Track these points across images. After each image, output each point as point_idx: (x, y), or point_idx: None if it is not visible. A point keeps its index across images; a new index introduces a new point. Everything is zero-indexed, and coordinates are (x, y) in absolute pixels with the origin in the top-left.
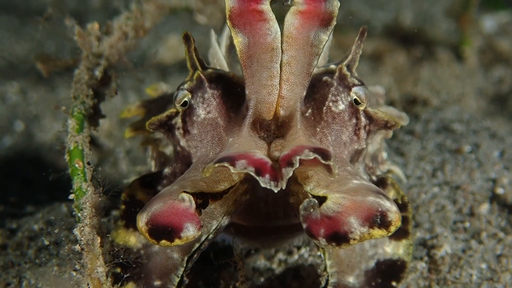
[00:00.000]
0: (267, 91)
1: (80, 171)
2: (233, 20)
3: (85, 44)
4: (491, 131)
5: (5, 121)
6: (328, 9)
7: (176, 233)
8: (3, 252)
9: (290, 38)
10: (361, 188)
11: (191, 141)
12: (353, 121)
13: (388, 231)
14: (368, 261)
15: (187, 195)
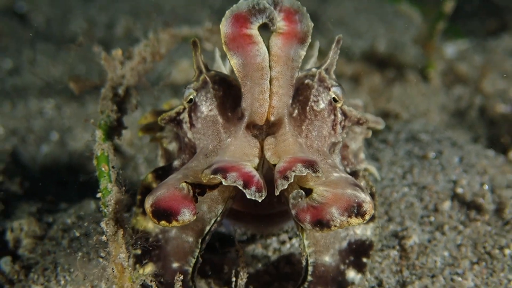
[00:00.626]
0: (259, 103)
1: (106, 174)
2: (228, 44)
3: (110, 67)
4: (452, 140)
5: (43, 132)
6: (303, 29)
7: (174, 216)
8: (41, 242)
9: (275, 56)
10: (341, 181)
11: (196, 134)
12: (332, 117)
13: (363, 219)
14: (341, 242)
15: (186, 184)
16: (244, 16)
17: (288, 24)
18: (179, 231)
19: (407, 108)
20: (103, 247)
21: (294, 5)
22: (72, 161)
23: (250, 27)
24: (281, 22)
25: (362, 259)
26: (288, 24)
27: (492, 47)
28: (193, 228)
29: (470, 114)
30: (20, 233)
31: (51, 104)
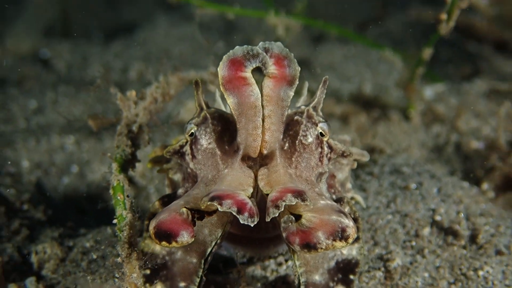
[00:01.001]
0: (253, 138)
1: (121, 202)
2: (225, 85)
3: (125, 106)
4: (431, 173)
5: (64, 165)
6: (291, 73)
7: (174, 237)
8: (63, 263)
9: (268, 97)
10: (327, 207)
11: (197, 164)
12: (319, 150)
13: (347, 242)
14: (329, 261)
15: (186, 210)
16: (239, 61)
17: (278, 69)
18: (184, 253)
19: (391, 144)
20: (118, 268)
21: (283, 51)
22: (90, 191)
23: (244, 70)
24: (272, 67)
25: (349, 276)
26: (278, 68)
27: (466, 90)
28: (196, 250)
29: (447, 149)
30: (44, 256)
31: (71, 140)
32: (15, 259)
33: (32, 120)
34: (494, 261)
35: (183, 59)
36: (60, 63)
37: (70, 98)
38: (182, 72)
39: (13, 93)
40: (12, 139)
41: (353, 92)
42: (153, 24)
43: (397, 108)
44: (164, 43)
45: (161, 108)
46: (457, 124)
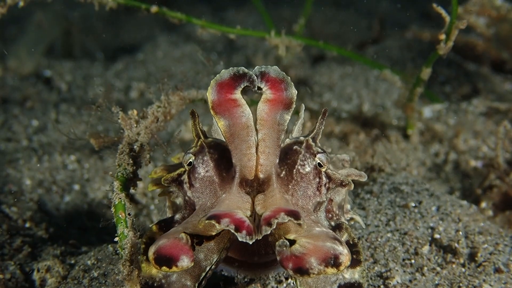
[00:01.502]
0: (247, 158)
1: (123, 220)
2: (215, 109)
3: (126, 125)
4: (430, 192)
5: (65, 184)
6: (288, 96)
7: (174, 262)
8: (64, 281)
9: (262, 121)
10: (322, 234)
11: (195, 193)
12: (317, 180)
13: (338, 270)
14: (332, 285)
15: (185, 235)
16: (228, 83)
17: (275, 92)
18: (179, 276)
19: (390, 162)
20: (119, 286)
21: (280, 75)
22: (92, 209)
23: (233, 92)
24: (268, 90)
25: None
26: (274, 92)
27: (464, 109)
28: (191, 273)
29: (445, 168)
30: (46, 273)
31: (72, 158)
32: (17, 277)
33: (34, 139)
34: (493, 279)
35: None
36: (62, 83)
37: (71, 117)
38: (183, 91)
39: (15, 112)
40: (14, 158)
41: (352, 112)
42: (154, 44)
43: (396, 127)
44: (165, 63)
45: (162, 127)
46: (455, 143)
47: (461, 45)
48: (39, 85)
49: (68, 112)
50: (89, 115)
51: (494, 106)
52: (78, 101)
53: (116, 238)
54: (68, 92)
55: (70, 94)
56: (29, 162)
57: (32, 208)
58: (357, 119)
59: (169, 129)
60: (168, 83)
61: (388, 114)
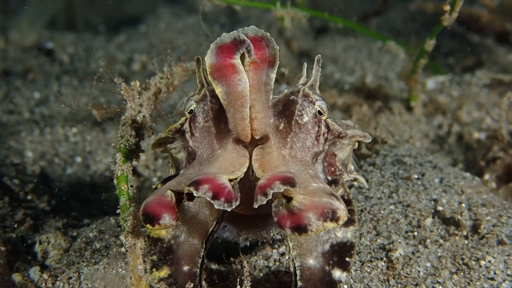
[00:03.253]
0: (241, 127)
1: (125, 192)
2: (214, 74)
3: (129, 97)
4: (433, 164)
5: (67, 156)
6: (271, 53)
7: (156, 220)
8: (67, 253)
9: (249, 86)
10: (319, 190)
11: (195, 142)
12: (315, 129)
13: (337, 224)
14: (324, 245)
15: (170, 192)
16: (228, 47)
17: (257, 52)
18: (187, 235)
19: (393, 135)
20: (122, 258)
21: (258, 32)
22: (94, 181)
23: (233, 57)
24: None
25: (345, 259)
26: (256, 51)
27: (468, 81)
28: (198, 231)
29: (449, 140)
30: (48, 246)
31: (75, 130)
32: (19, 249)
33: (36, 111)
34: (496, 251)
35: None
36: (64, 55)
37: (73, 89)
38: (186, 62)
39: (17, 84)
40: (16, 130)
41: (355, 83)
42: (157, 16)
43: (399, 99)
44: (168, 34)
45: (165, 98)
46: (459, 115)
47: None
48: (41, 57)
49: (70, 84)
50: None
51: (498, 77)
52: (80, 73)
53: (118, 210)
54: (70, 64)
55: (72, 66)
56: (31, 135)
57: (34, 181)
58: (360, 91)
59: (172, 101)
60: (171, 55)
61: (391, 86)
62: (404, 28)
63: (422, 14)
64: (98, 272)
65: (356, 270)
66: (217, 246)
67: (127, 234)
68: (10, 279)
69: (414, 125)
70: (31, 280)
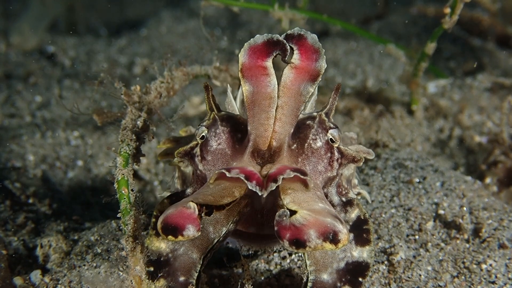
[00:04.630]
0: (264, 128)
1: (126, 196)
2: (244, 72)
3: (129, 101)
4: (434, 167)
5: (68, 160)
6: (317, 68)
7: (180, 231)
8: (68, 257)
9: (285, 88)
10: (324, 211)
11: (206, 166)
12: (328, 155)
13: (336, 247)
14: (339, 262)
15: (193, 204)
16: (261, 49)
17: (305, 60)
18: (186, 249)
19: (394, 138)
20: (123, 261)
21: (316, 44)
22: (95, 185)
23: (265, 60)
24: (298, 56)
25: (358, 279)
26: (304, 60)
27: (469, 84)
28: (198, 246)
29: (450, 144)
30: (49, 249)
31: (76, 134)
32: (20, 252)
33: (37, 114)
34: (497, 254)
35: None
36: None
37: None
38: (187, 67)
39: (19, 88)
40: (18, 134)
41: (356, 87)
42: (158, 19)
43: (401, 103)
44: (169, 38)
45: (165, 102)
46: (460, 118)
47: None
48: (43, 61)
49: (72, 88)
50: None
51: (499, 81)
52: (81, 77)
53: (119, 214)
54: (71, 67)
55: (73, 69)
56: (33, 138)
57: (35, 184)
58: (362, 94)
59: (173, 105)
60: (172, 59)
61: (392, 90)
62: (405, 32)
63: (423, 18)
64: (99, 275)
65: None
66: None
67: (127, 238)
68: (11, 283)
69: (415, 128)
70: (32, 284)
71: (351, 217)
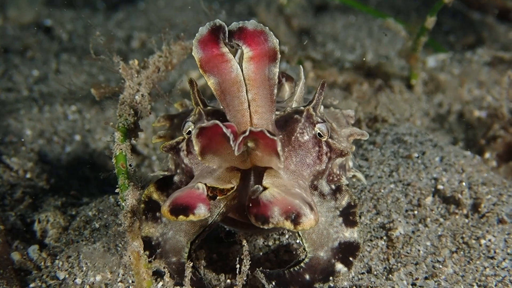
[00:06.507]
0: (240, 114)
1: (124, 171)
2: (204, 67)
3: (127, 75)
4: (433, 142)
5: (66, 134)
6: (270, 47)
7: (191, 210)
8: (66, 232)
9: (250, 81)
10: (297, 194)
11: (192, 159)
12: (316, 149)
13: (295, 228)
14: (334, 242)
15: (202, 184)
16: (209, 38)
17: (255, 46)
18: (174, 233)
19: (393, 113)
20: (121, 237)
21: (258, 27)
22: (93, 160)
23: (220, 46)
24: (248, 47)
25: (349, 258)
26: (255, 46)
27: (469, 59)
28: (186, 231)
29: (449, 119)
30: (47, 224)
31: (73, 109)
32: (18, 228)
33: (35, 89)
34: (496, 229)
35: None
36: (63, 33)
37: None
38: (185, 41)
39: (16, 62)
40: (15, 108)
41: (355, 61)
42: None
43: (400, 77)
44: (167, 12)
45: (163, 77)
46: (459, 93)
47: None
48: (40, 35)
49: (69, 62)
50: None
51: (499, 55)
52: (79, 51)
53: (117, 189)
54: (69, 41)
55: (71, 43)
56: (30, 112)
57: (33, 159)
58: (361, 69)
59: (171, 79)
60: (170, 33)
61: (391, 64)
62: (405, 6)
63: None
64: (97, 251)
65: None
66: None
67: (126, 213)
68: (9, 258)
69: (414, 103)
70: (30, 259)
71: (341, 204)
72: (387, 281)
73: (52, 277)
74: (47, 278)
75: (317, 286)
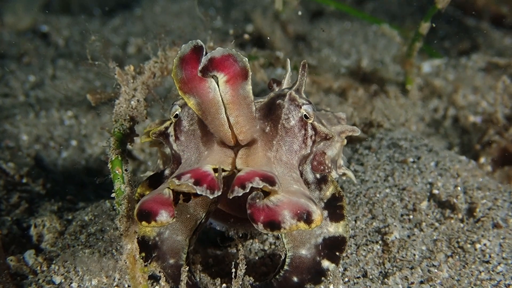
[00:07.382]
0: (222, 133)
1: (120, 176)
2: (184, 89)
3: (123, 81)
4: (428, 147)
5: (62, 139)
6: (241, 67)
7: (153, 217)
8: (62, 237)
9: (229, 104)
10: (298, 192)
11: (180, 146)
12: (302, 132)
13: (309, 226)
14: (317, 238)
15: (168, 190)
16: (191, 57)
17: (227, 70)
18: (171, 232)
19: (388, 118)
20: (117, 241)
21: (224, 52)
22: (89, 165)
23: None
24: (222, 73)
25: (336, 253)
26: (227, 70)
27: (464, 64)
28: (182, 229)
29: (444, 124)
30: (43, 229)
31: (69, 114)
32: (14, 232)
33: (31, 94)
34: (491, 234)
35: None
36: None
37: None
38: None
39: (12, 67)
40: (11, 113)
41: (351, 67)
42: None
43: (395, 83)
44: (163, 18)
45: (159, 82)
46: (454, 98)
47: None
48: (36, 41)
49: (66, 68)
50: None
51: (494, 61)
52: (75, 57)
53: (113, 194)
54: (65, 47)
55: (67, 49)
56: (26, 118)
57: (29, 164)
58: (356, 74)
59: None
60: (166, 39)
61: (387, 70)
62: (400, 12)
63: None
64: (93, 255)
65: (351, 253)
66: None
67: (121, 218)
68: (5, 262)
69: (409, 108)
70: (26, 263)
71: (326, 195)
72: (382, 285)
73: (48, 281)
74: (43, 283)
75: (308, 287)
